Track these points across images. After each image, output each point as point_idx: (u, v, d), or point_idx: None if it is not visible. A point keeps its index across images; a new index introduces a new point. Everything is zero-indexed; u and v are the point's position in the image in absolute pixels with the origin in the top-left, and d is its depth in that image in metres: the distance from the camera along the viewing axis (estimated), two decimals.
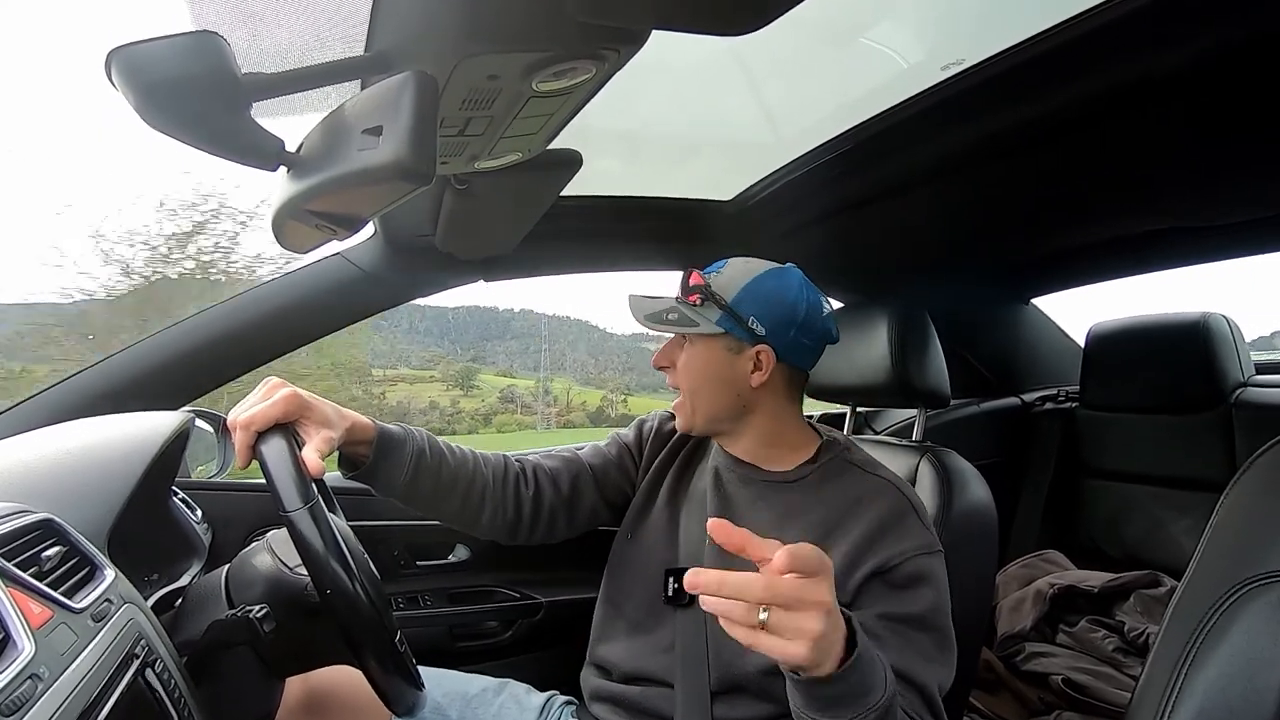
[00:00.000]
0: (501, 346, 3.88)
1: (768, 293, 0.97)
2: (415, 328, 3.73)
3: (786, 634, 0.57)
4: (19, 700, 0.43)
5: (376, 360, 3.57)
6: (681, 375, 1.00)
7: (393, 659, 0.71)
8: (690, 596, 0.97)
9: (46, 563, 0.58)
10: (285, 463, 0.72)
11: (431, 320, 3.81)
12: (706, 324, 0.95)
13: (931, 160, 1.14)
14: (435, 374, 3.63)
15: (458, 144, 0.73)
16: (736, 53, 0.97)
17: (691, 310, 0.96)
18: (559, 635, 1.45)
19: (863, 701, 0.64)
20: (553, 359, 3.76)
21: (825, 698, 0.64)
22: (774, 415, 1.00)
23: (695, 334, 0.97)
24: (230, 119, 0.51)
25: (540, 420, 3.36)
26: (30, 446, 0.85)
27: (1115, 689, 1.42)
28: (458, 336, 3.80)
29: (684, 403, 1.00)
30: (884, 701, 0.65)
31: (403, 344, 3.68)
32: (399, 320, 3.66)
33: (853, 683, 0.63)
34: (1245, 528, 0.66)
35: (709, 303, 0.96)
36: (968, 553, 1.09)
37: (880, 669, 0.66)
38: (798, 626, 0.57)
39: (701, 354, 0.98)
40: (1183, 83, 0.87)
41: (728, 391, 0.97)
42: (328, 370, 3.33)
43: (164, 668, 0.64)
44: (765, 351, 0.96)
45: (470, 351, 3.80)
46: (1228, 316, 1.76)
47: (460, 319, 3.82)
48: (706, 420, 1.00)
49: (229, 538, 1.19)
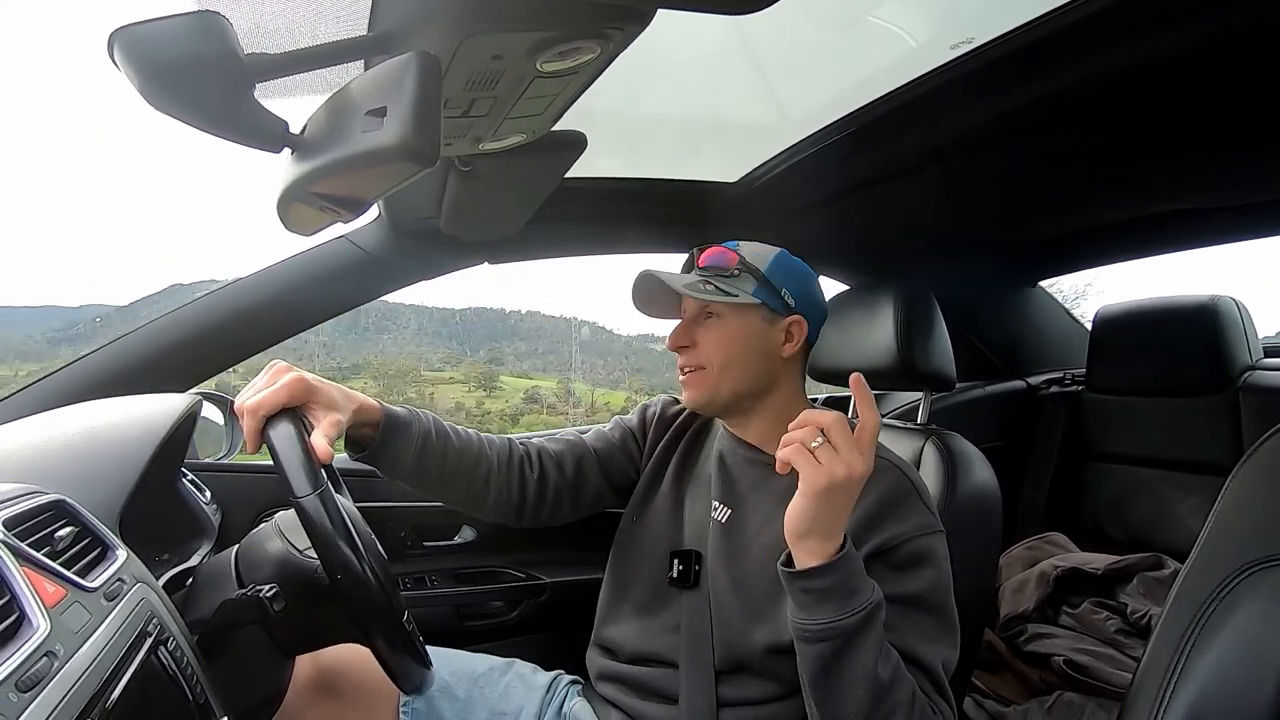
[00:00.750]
0: (510, 347, 3.87)
1: (794, 267, 1.00)
2: (424, 329, 3.71)
3: (822, 461, 0.71)
4: (35, 677, 0.44)
5: (396, 358, 3.58)
6: (710, 350, 0.98)
7: (401, 638, 0.72)
8: (695, 578, 0.98)
9: (59, 543, 0.59)
10: (294, 449, 0.72)
11: (439, 322, 3.79)
12: (744, 295, 0.96)
13: (938, 141, 1.13)
14: (455, 375, 3.64)
15: (462, 125, 0.73)
16: (742, 32, 0.95)
17: (726, 281, 0.96)
18: (564, 615, 1.47)
19: (849, 602, 0.73)
20: (561, 360, 3.74)
21: (813, 590, 0.73)
22: (790, 391, 1.01)
23: (733, 304, 0.96)
24: (233, 100, 0.51)
25: (569, 421, 3.36)
26: (42, 429, 0.85)
27: (1117, 670, 1.42)
28: (465, 338, 3.79)
29: (707, 377, 0.98)
30: (867, 607, 0.73)
31: (411, 345, 3.67)
32: (406, 321, 3.65)
33: (839, 578, 0.73)
34: (1250, 511, 0.66)
35: (745, 274, 0.97)
36: (971, 535, 1.09)
37: (868, 582, 0.75)
38: (831, 464, 0.71)
39: (736, 326, 0.97)
40: (1193, 63, 0.86)
41: (760, 363, 0.98)
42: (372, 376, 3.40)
43: (176, 646, 0.65)
44: (798, 322, 0.99)
45: (485, 352, 3.79)
46: (1236, 299, 1.75)
47: (468, 320, 3.80)
48: (732, 395, 0.99)
49: (238, 518, 1.20)
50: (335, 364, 3.38)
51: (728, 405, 1.01)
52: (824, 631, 0.72)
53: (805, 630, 0.74)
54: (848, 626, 0.72)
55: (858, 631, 0.72)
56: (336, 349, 3.51)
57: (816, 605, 0.73)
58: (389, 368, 3.56)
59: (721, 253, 0.99)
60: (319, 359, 3.32)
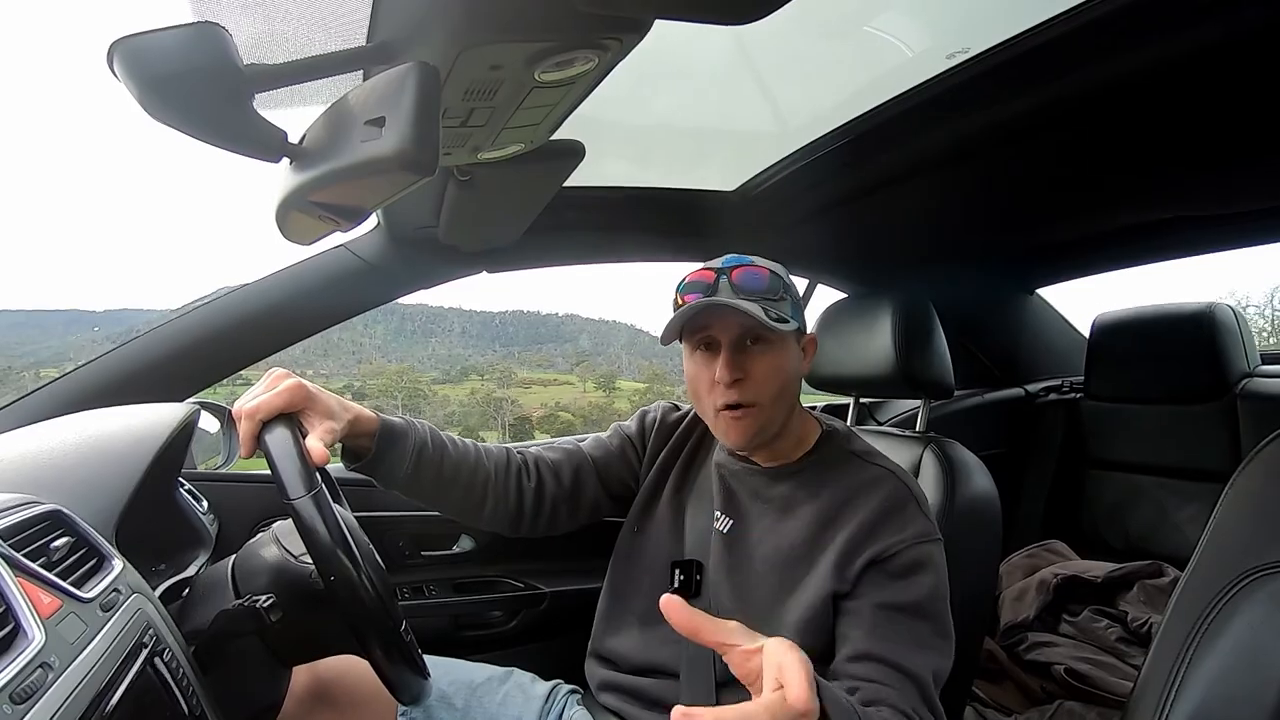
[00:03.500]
0: (559, 350, 3.90)
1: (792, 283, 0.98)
2: (468, 331, 3.74)
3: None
4: (30, 689, 0.44)
5: (440, 364, 3.61)
6: (763, 382, 0.90)
7: (398, 648, 0.71)
8: (696, 588, 0.98)
9: (55, 553, 0.59)
10: (289, 451, 0.72)
11: (480, 324, 3.82)
12: (792, 321, 0.91)
13: (936, 150, 1.14)
14: (570, 378, 3.68)
15: (460, 135, 0.73)
16: (740, 42, 0.96)
17: (775, 305, 0.90)
18: (563, 625, 1.46)
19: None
20: (608, 361, 3.76)
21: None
22: (798, 407, 1.00)
23: (785, 332, 0.89)
24: (233, 110, 0.51)
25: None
26: (38, 438, 0.85)
27: (1117, 678, 1.42)
28: (510, 340, 3.82)
29: (760, 414, 0.91)
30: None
31: (459, 348, 3.70)
32: (451, 324, 3.67)
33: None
34: (1249, 518, 0.66)
35: (786, 297, 0.92)
36: (971, 543, 1.09)
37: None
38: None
39: (784, 353, 0.92)
40: (1188, 70, 0.86)
41: (795, 390, 0.96)
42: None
43: (172, 656, 0.64)
44: (812, 340, 0.99)
45: (521, 355, 3.83)
46: (1233, 306, 1.75)
47: (508, 322, 3.83)
48: (779, 428, 0.93)
49: (235, 528, 1.20)
50: (444, 370, 3.43)
51: (772, 439, 0.95)
52: None
53: None
54: None
55: None
56: (391, 350, 3.56)
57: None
58: (494, 370, 3.62)
59: (757, 272, 0.91)
60: (429, 364, 3.37)
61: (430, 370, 3.60)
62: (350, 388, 3.38)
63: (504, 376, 3.62)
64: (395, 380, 3.52)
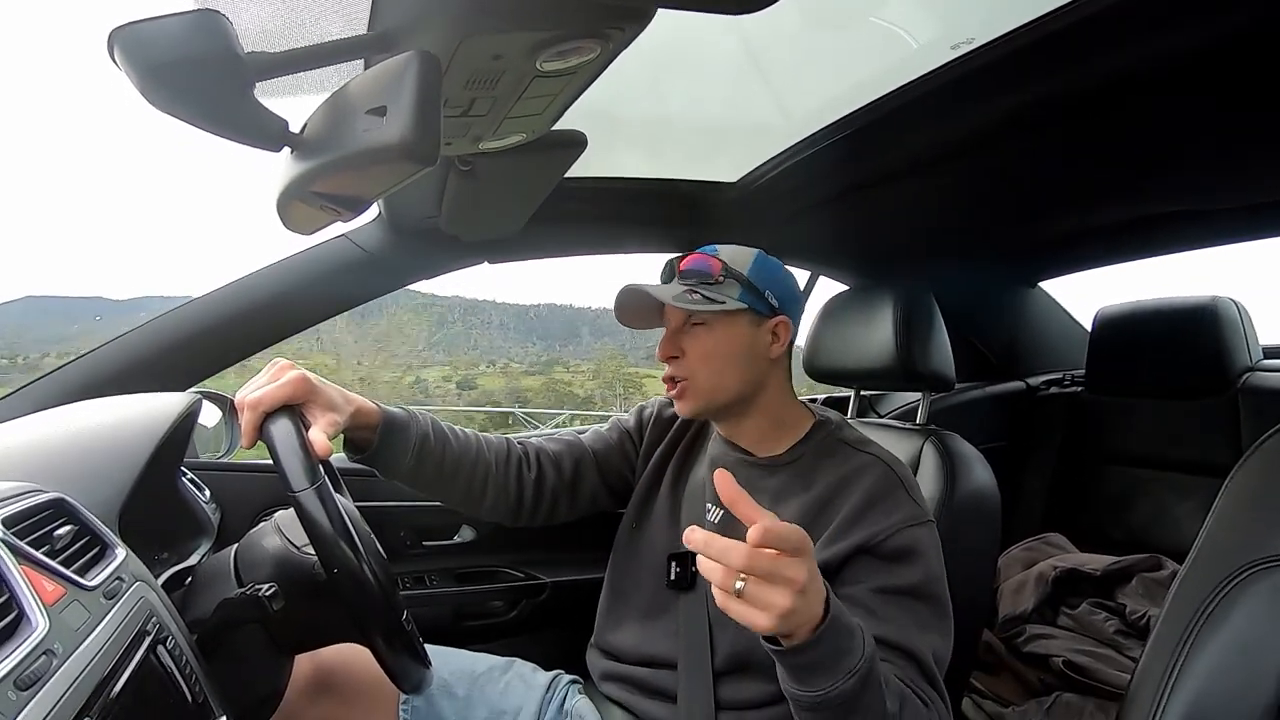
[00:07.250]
0: (598, 343, 3.97)
1: (773, 268, 1.00)
2: (505, 324, 3.81)
3: (757, 604, 0.60)
4: (34, 675, 0.44)
5: (489, 353, 3.68)
6: (700, 359, 0.98)
7: (400, 638, 0.72)
8: (691, 581, 0.98)
9: (58, 541, 0.59)
10: (292, 443, 0.72)
11: (515, 317, 3.90)
12: (731, 301, 0.96)
13: (939, 141, 1.13)
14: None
15: (462, 125, 0.73)
16: (743, 32, 0.95)
17: (711, 289, 0.96)
18: (563, 615, 1.47)
19: (839, 666, 0.65)
20: (638, 353, 3.82)
21: (800, 666, 0.66)
22: (779, 389, 1.01)
23: (720, 311, 0.96)
24: (233, 99, 0.51)
25: None
26: (41, 427, 0.85)
27: (1115, 670, 1.42)
28: (544, 333, 3.88)
29: (698, 386, 0.98)
30: (862, 666, 0.66)
31: (498, 339, 3.78)
32: (489, 316, 3.75)
33: (826, 650, 0.65)
34: (1249, 512, 0.66)
35: (729, 280, 0.96)
36: (970, 535, 1.09)
37: (858, 636, 0.68)
38: (768, 600, 0.60)
39: (725, 332, 0.97)
40: (1193, 63, 0.86)
41: (750, 368, 0.98)
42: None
43: (175, 645, 0.64)
44: (784, 322, 0.99)
45: (553, 348, 3.93)
46: (1236, 300, 1.75)
47: (543, 316, 3.89)
48: (725, 400, 0.99)
49: (237, 518, 1.20)
50: (531, 361, 3.52)
51: (719, 411, 1.01)
52: (820, 701, 0.67)
53: (801, 700, 0.69)
54: (845, 691, 0.66)
55: (856, 695, 0.67)
56: (438, 343, 3.66)
57: (809, 677, 0.67)
58: (586, 362, 3.74)
59: (703, 259, 0.99)
60: (513, 354, 3.44)
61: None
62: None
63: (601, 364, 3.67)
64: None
